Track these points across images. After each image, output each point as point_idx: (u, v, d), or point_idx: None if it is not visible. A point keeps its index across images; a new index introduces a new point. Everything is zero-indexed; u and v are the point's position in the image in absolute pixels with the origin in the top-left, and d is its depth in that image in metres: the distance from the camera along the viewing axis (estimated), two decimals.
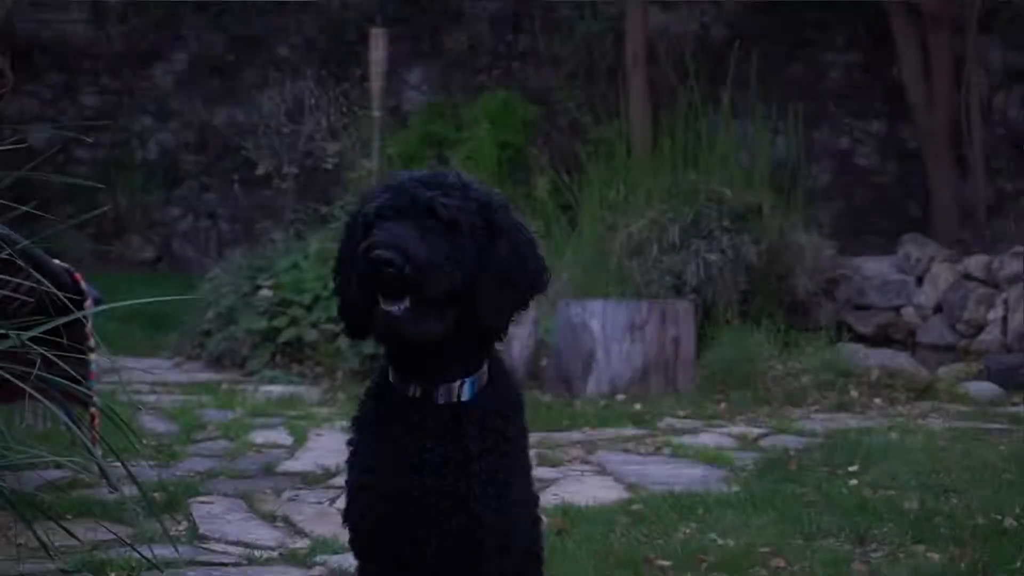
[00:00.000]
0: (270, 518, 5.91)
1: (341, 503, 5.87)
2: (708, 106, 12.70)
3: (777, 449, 7.34)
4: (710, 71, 14.43)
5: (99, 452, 5.20)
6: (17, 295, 4.49)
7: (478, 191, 3.32)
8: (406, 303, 3.15)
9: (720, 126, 12.03)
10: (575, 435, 7.85)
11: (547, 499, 6.16)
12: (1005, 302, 10.72)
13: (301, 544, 5.47)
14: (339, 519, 3.47)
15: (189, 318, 10.72)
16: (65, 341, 4.36)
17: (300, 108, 11.90)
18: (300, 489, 6.45)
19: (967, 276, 11.32)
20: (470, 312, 3.26)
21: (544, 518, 3.63)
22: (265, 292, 9.92)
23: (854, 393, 8.90)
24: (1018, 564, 5.04)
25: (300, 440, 7.57)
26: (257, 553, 5.33)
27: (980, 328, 10.95)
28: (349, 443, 3.43)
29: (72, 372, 4.16)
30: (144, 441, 7.12)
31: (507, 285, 3.30)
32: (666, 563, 5.19)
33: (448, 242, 3.19)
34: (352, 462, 3.41)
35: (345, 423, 7.85)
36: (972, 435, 7.60)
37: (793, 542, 5.48)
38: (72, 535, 4.58)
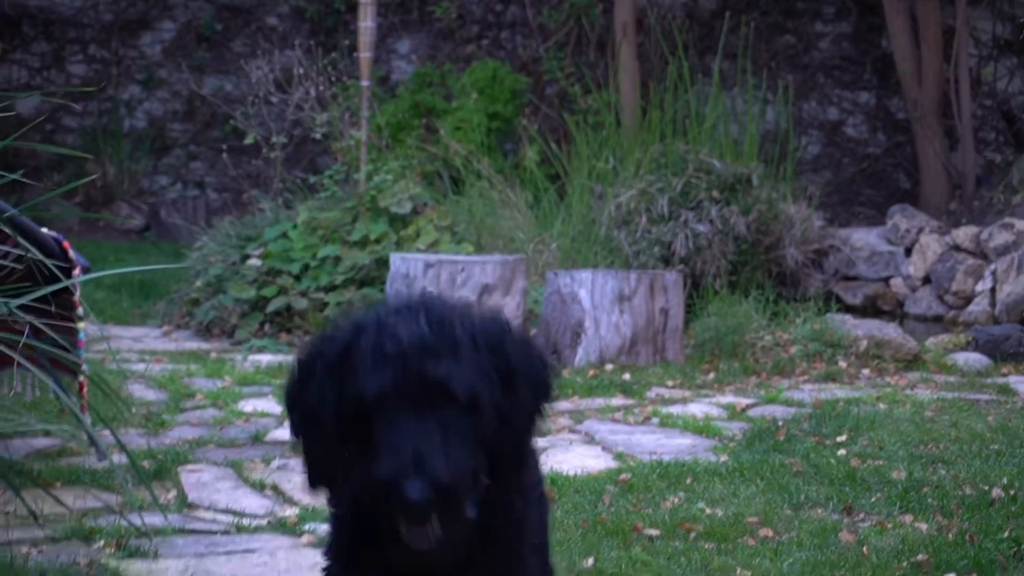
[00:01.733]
0: (259, 486, 5.92)
1: None
2: (697, 77, 12.71)
3: (765, 419, 7.35)
4: (699, 42, 14.46)
5: (88, 420, 5.20)
6: (5, 263, 4.48)
7: (483, 326, 2.80)
8: (437, 531, 2.67)
9: (709, 97, 12.03)
10: (563, 404, 7.86)
11: None
12: (993, 273, 10.73)
13: (290, 512, 5.48)
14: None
15: (177, 287, 10.71)
16: (54, 309, 4.35)
17: (289, 78, 11.86)
18: (289, 458, 6.45)
19: (955, 247, 11.33)
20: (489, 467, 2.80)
21: None
22: (254, 261, 9.91)
23: (842, 364, 8.92)
24: (1005, 534, 5.06)
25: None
26: (246, 521, 5.34)
27: (968, 299, 10.96)
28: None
29: (61, 340, 4.16)
30: (133, 409, 7.12)
31: (529, 422, 2.85)
32: (654, 532, 5.20)
33: (470, 426, 2.70)
34: None
35: None
36: (960, 406, 7.62)
37: (781, 512, 5.50)
38: (61, 503, 4.59)
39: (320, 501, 5.49)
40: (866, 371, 8.90)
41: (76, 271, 5.86)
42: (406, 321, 2.71)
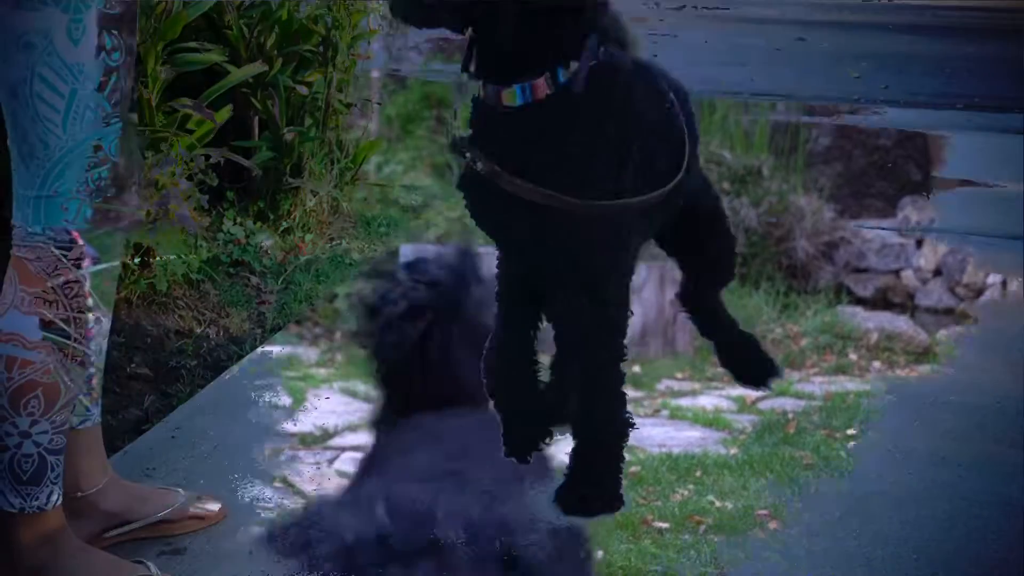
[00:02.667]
0: (267, 479, 5.91)
1: (339, 464, 5.87)
2: None
3: (775, 412, 7.33)
4: None
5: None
6: None
7: None
8: None
9: None
10: None
11: None
12: None
13: (299, 505, 5.47)
14: (336, 481, 3.46)
15: None
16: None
17: None
18: (298, 450, 6.44)
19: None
20: None
21: None
22: None
23: (853, 356, 8.90)
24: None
25: (298, 401, 7.55)
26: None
27: (979, 291, 10.94)
28: None
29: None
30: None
31: None
32: (663, 525, 5.19)
33: None
34: None
35: (344, 384, 7.87)
36: None
37: (791, 505, 5.49)
38: None
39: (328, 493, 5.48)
40: (877, 364, 8.88)
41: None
42: None
